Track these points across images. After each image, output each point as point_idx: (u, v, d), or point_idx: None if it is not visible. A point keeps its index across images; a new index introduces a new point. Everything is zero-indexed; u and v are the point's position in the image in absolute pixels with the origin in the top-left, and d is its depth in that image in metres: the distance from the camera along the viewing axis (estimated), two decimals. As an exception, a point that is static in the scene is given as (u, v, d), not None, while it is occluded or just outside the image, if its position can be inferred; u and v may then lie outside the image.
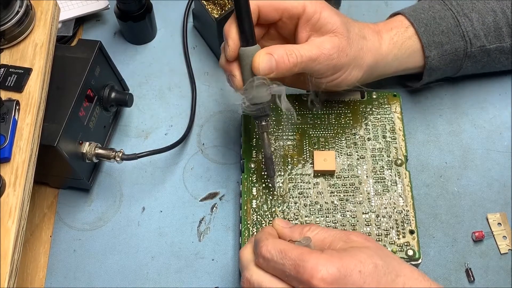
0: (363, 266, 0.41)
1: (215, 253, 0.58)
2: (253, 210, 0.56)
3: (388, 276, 0.42)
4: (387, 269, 0.42)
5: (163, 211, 0.60)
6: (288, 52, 0.50)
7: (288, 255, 0.42)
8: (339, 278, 0.40)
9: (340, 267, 0.41)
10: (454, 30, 0.58)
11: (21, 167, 0.47)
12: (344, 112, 0.61)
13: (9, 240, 0.44)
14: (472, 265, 0.56)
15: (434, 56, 0.58)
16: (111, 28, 0.72)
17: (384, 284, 0.41)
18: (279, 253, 0.43)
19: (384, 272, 0.42)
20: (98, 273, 0.57)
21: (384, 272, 0.42)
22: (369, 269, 0.41)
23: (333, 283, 0.40)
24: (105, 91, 0.60)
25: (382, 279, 0.41)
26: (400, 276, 0.42)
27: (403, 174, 0.57)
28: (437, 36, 0.58)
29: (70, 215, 0.60)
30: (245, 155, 0.59)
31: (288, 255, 0.42)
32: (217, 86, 0.67)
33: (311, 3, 0.51)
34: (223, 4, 0.64)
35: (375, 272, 0.41)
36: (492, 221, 0.58)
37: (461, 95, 0.65)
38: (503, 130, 0.63)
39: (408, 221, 0.55)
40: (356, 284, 0.41)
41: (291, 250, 0.42)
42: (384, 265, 0.42)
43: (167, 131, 0.65)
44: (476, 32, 0.58)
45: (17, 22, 0.51)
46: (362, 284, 0.41)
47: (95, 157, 0.57)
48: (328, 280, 0.40)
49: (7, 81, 0.50)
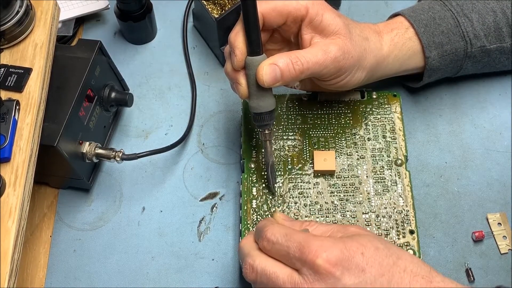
0: (365, 248, 0.43)
1: (215, 253, 0.58)
2: (253, 210, 0.56)
3: (389, 259, 0.43)
4: (388, 252, 0.44)
5: (163, 211, 0.60)
6: (293, 60, 0.49)
7: (293, 237, 0.44)
8: (343, 259, 0.42)
9: (343, 249, 0.42)
10: (454, 31, 0.58)
11: (21, 167, 0.47)
12: (344, 112, 0.61)
13: (9, 240, 0.44)
14: (472, 265, 0.56)
15: (434, 56, 0.58)
16: (111, 28, 0.72)
17: (386, 265, 0.43)
18: (284, 235, 0.44)
19: (385, 254, 0.43)
20: (98, 273, 0.57)
21: (386, 255, 0.43)
22: (371, 252, 0.43)
23: (336, 264, 0.41)
24: (105, 91, 0.60)
25: (384, 261, 0.43)
26: (401, 259, 0.44)
27: (403, 174, 0.57)
28: (437, 37, 0.58)
29: (70, 215, 0.60)
30: (245, 155, 0.59)
31: (293, 238, 0.44)
32: (217, 86, 0.67)
33: (313, 5, 0.51)
34: (223, 4, 0.64)
35: (377, 254, 0.43)
36: (492, 221, 0.58)
37: (461, 95, 0.65)
38: (503, 130, 0.63)
39: (408, 221, 0.55)
40: (359, 266, 0.42)
41: (296, 233, 0.44)
42: (385, 248, 0.44)
43: (167, 131, 0.65)
44: (476, 32, 0.58)
45: (17, 22, 0.51)
46: (365, 266, 0.42)
47: (95, 157, 0.57)
48: (332, 261, 0.41)
49: (7, 81, 0.50)
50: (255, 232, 0.48)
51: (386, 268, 0.43)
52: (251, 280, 0.46)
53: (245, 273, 0.46)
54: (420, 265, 0.44)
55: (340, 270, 0.41)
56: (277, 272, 0.43)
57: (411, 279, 0.43)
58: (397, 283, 0.42)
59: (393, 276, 0.42)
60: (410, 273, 0.43)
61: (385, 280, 0.42)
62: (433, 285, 0.43)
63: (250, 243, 0.48)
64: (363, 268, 0.42)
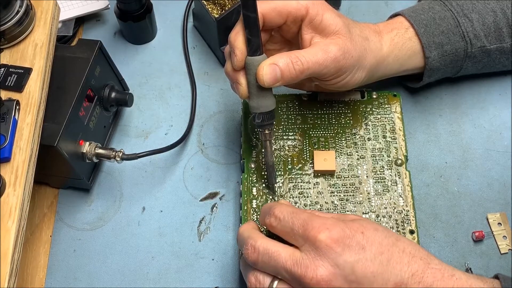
0: (365, 229, 0.44)
1: (215, 253, 0.58)
2: (253, 210, 0.56)
3: (389, 239, 0.45)
4: (387, 233, 0.45)
5: (163, 211, 0.60)
6: (294, 60, 0.50)
7: (298, 215, 0.46)
8: (344, 236, 0.43)
9: (345, 228, 0.44)
10: (454, 31, 0.58)
11: (21, 167, 0.47)
12: (344, 112, 0.61)
13: (9, 240, 0.44)
14: (472, 265, 0.56)
15: (434, 56, 0.58)
16: (111, 28, 0.72)
17: (385, 245, 0.44)
18: (291, 213, 0.46)
19: (385, 235, 0.45)
20: (98, 273, 0.57)
21: (385, 235, 0.45)
22: (371, 232, 0.44)
23: (338, 241, 0.43)
24: (105, 91, 0.60)
25: (384, 241, 0.44)
26: (399, 241, 0.45)
27: (403, 174, 0.58)
28: (437, 37, 0.58)
29: (70, 215, 0.60)
30: (245, 155, 0.59)
31: (299, 215, 0.46)
32: (217, 86, 0.67)
33: (313, 5, 0.51)
34: (223, 4, 0.64)
35: (377, 234, 0.44)
36: (492, 221, 0.58)
37: (461, 95, 0.65)
38: (503, 130, 0.63)
39: (408, 221, 0.55)
40: (359, 243, 0.43)
41: (301, 212, 0.46)
42: (384, 230, 0.46)
43: (167, 131, 0.65)
44: (476, 32, 0.58)
45: (17, 22, 0.51)
46: (365, 243, 0.43)
47: (95, 157, 0.57)
48: (334, 238, 0.43)
49: (7, 81, 0.50)
50: (261, 213, 0.50)
51: (385, 247, 0.44)
52: (252, 261, 0.46)
53: (246, 254, 0.46)
54: (419, 248, 0.46)
55: (341, 246, 0.43)
56: (279, 250, 0.44)
57: (410, 259, 0.44)
58: (396, 262, 0.44)
59: (392, 255, 0.44)
60: (408, 254, 0.44)
61: (384, 258, 0.43)
62: (431, 266, 0.44)
63: (250, 227, 0.49)
64: (363, 246, 0.43)
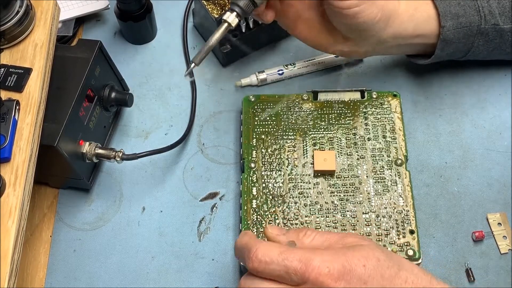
0: (366, 260, 0.42)
1: (215, 253, 0.58)
2: (253, 210, 0.56)
3: (391, 270, 0.43)
4: (389, 263, 0.43)
5: (163, 211, 0.60)
6: None
7: (290, 256, 0.42)
8: (345, 273, 0.41)
9: (345, 262, 0.42)
10: (470, 4, 0.58)
11: (21, 167, 0.47)
12: (344, 112, 0.61)
13: (9, 240, 0.44)
14: (472, 265, 0.56)
15: (449, 27, 0.58)
16: (111, 28, 0.72)
17: (387, 277, 0.42)
18: (279, 254, 0.42)
19: (387, 265, 0.43)
20: (98, 273, 0.57)
21: (387, 266, 0.43)
22: (373, 263, 0.42)
23: (339, 278, 0.41)
24: (105, 91, 0.60)
25: (386, 272, 0.42)
26: (402, 270, 0.43)
27: (403, 174, 0.58)
28: (454, 7, 0.58)
29: (70, 215, 0.60)
30: (245, 155, 0.59)
31: (291, 256, 0.42)
32: (217, 86, 0.67)
33: None
34: (223, 4, 0.64)
35: (379, 266, 0.42)
36: (492, 221, 0.58)
37: (461, 95, 0.65)
38: (503, 130, 0.63)
39: (408, 221, 0.55)
40: (361, 279, 0.42)
41: (291, 251, 0.42)
42: (386, 259, 0.43)
43: (167, 131, 0.65)
44: (492, 9, 0.58)
45: (17, 22, 0.51)
46: (367, 278, 0.42)
47: (95, 157, 0.57)
48: (335, 276, 0.41)
49: (7, 81, 0.50)
50: (236, 250, 0.46)
51: (387, 280, 0.42)
52: None
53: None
54: (421, 276, 0.44)
55: (343, 284, 0.41)
56: None
57: None
58: None
59: None
60: (411, 284, 0.43)
61: None
62: None
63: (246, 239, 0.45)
64: (365, 281, 0.42)
